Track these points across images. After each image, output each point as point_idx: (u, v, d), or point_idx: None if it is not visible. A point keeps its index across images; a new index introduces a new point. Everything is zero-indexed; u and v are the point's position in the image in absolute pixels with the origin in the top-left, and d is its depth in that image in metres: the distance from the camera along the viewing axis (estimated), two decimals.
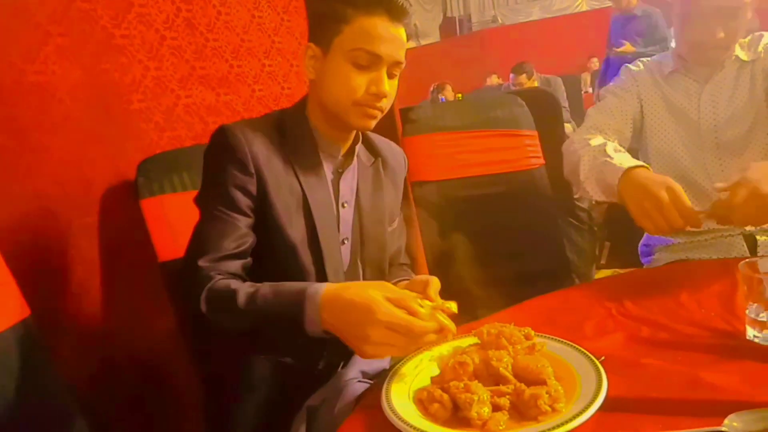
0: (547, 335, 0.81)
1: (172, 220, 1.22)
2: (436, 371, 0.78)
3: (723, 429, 0.59)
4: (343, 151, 1.02)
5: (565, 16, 9.21)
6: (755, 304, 0.77)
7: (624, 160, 1.13)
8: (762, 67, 1.30)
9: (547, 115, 1.95)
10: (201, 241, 0.89)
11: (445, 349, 0.83)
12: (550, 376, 0.69)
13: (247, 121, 0.97)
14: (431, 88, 5.30)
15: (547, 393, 0.65)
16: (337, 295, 0.75)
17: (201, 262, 0.86)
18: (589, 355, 0.75)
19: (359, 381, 0.94)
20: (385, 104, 0.95)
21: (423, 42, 10.21)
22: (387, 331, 0.70)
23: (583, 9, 9.05)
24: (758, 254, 1.28)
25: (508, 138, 1.66)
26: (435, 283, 0.87)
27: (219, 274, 0.86)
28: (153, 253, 1.22)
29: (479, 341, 0.80)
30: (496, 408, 0.67)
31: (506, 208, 1.63)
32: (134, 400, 1.29)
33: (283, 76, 1.70)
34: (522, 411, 0.66)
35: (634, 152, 1.37)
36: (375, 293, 0.72)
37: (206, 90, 1.48)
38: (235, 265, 0.89)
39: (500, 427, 0.64)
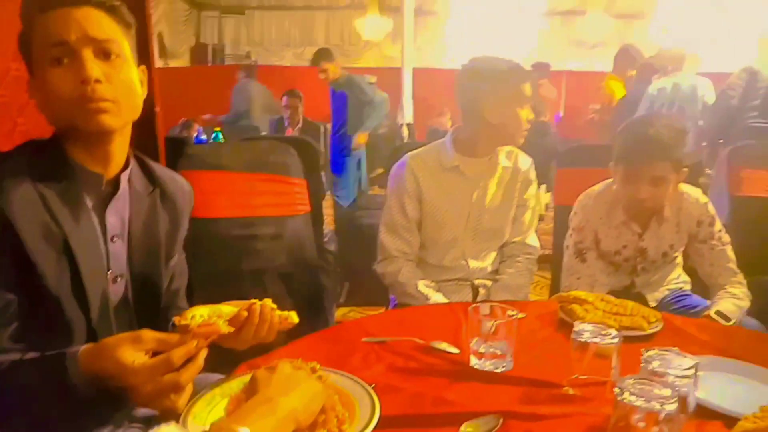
0: (327, 368, 0.94)
1: None
2: (229, 406, 0.83)
3: None
4: (106, 178, 0.93)
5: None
6: (476, 338, 1.03)
7: None
8: (521, 179, 1.71)
9: (310, 164, 2.14)
10: None
11: (235, 385, 0.89)
12: (336, 403, 0.81)
13: None
14: (180, 122, 4.91)
15: (335, 417, 0.77)
16: (90, 363, 0.75)
17: None
18: (362, 383, 0.90)
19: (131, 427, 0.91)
20: (106, 91, 0.85)
21: (171, 63, 9.78)
22: (151, 388, 0.74)
23: None
24: (478, 300, 1.67)
25: (280, 184, 1.79)
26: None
27: None
28: None
29: None
30: None
31: (275, 250, 1.74)
32: None
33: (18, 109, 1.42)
34: None
35: None
36: (124, 355, 0.74)
37: None
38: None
39: None
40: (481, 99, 1.59)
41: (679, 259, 1.80)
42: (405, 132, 6.84)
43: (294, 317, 0.93)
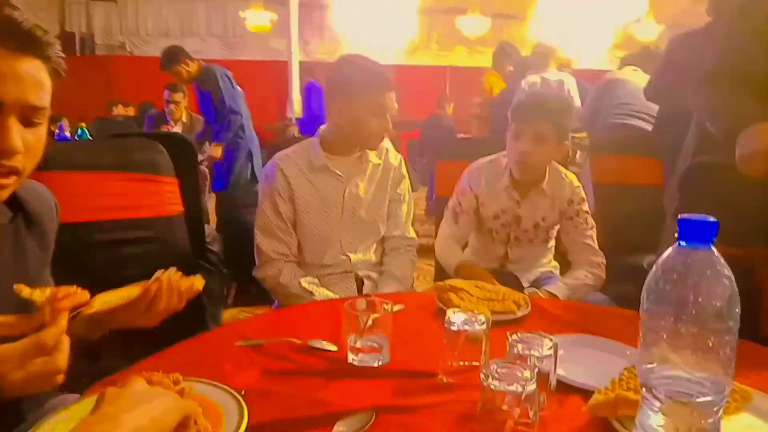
0: (193, 378, 0.88)
1: None
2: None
3: None
4: None
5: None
6: (353, 335, 1.02)
7: None
8: (393, 175, 1.75)
9: (185, 162, 2.01)
10: None
11: (86, 405, 0.80)
12: (199, 415, 0.75)
13: None
14: None
15: (198, 430, 0.72)
16: None
17: None
18: (231, 390, 0.85)
19: None
20: (19, 162, 0.77)
21: None
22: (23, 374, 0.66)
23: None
24: (363, 292, 1.68)
25: (148, 183, 1.66)
26: None
27: None
28: None
29: None
30: None
31: (145, 254, 1.61)
32: None
33: None
34: None
35: None
36: None
37: None
38: None
39: None
40: (338, 104, 1.63)
41: (551, 244, 1.93)
42: (295, 129, 6.73)
43: (199, 282, 0.97)
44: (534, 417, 0.76)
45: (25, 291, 0.72)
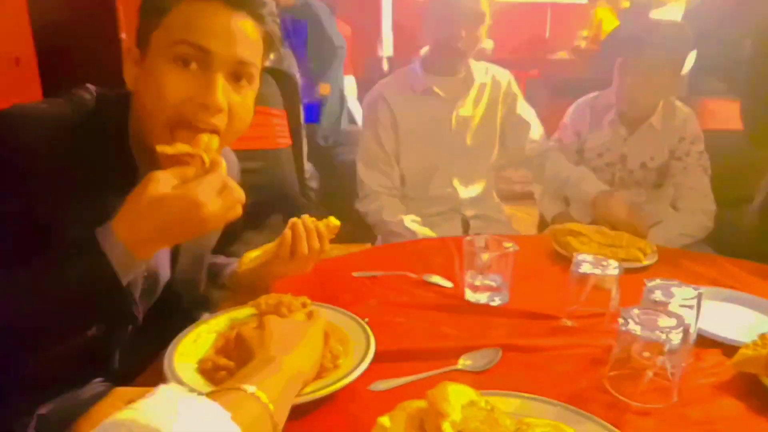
0: (318, 302, 0.90)
1: None
2: (217, 342, 0.79)
3: (458, 367, 0.77)
4: None
5: None
6: (471, 271, 1.00)
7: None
8: (504, 93, 1.67)
9: (290, 96, 2.02)
10: None
11: (222, 321, 0.85)
12: (329, 337, 0.77)
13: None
14: None
15: (329, 352, 0.74)
16: (131, 207, 0.65)
17: None
18: (356, 317, 0.86)
19: (101, 382, 0.83)
20: (220, 121, 0.73)
21: None
22: (218, 189, 0.67)
23: None
24: (470, 233, 1.64)
25: (260, 115, 1.68)
26: None
27: None
28: None
29: (257, 312, 0.84)
30: None
31: (256, 185, 1.66)
32: None
33: None
34: None
35: None
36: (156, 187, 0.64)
37: None
38: None
39: None
40: (432, 17, 1.57)
41: (665, 192, 1.78)
42: (385, 66, 6.60)
43: (334, 220, 0.97)
44: (675, 370, 0.71)
45: (166, 148, 0.69)
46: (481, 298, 0.99)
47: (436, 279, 1.08)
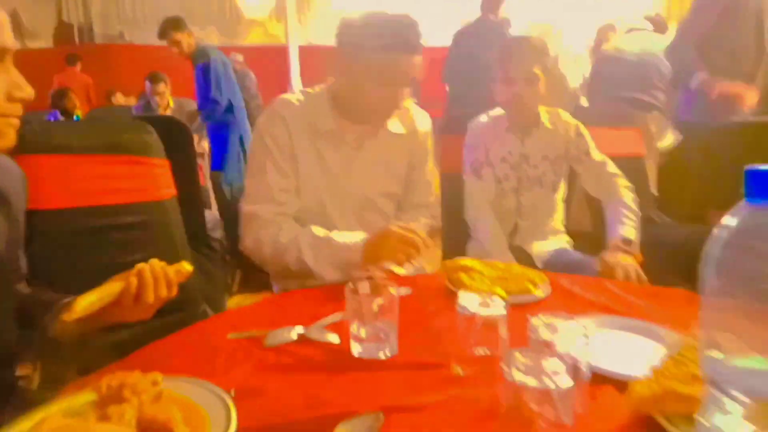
0: (178, 376, 0.78)
1: None
2: None
3: None
4: None
5: None
6: (356, 322, 0.91)
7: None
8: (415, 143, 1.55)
9: (177, 143, 1.90)
10: None
11: (53, 412, 0.71)
12: (178, 423, 0.66)
13: None
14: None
15: None
16: None
17: None
18: (218, 391, 0.75)
19: None
20: None
21: (30, 44, 8.77)
22: None
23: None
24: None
25: (138, 166, 1.55)
26: None
27: None
28: None
29: (98, 397, 0.71)
30: None
31: (136, 240, 1.51)
32: None
33: None
34: None
35: None
36: None
37: None
38: None
39: None
40: (338, 62, 1.44)
41: (559, 194, 1.89)
42: None
43: (186, 266, 0.94)
44: (568, 417, 0.65)
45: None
46: (368, 350, 0.90)
47: (323, 334, 0.98)
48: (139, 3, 9.96)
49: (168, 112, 4.47)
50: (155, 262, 0.91)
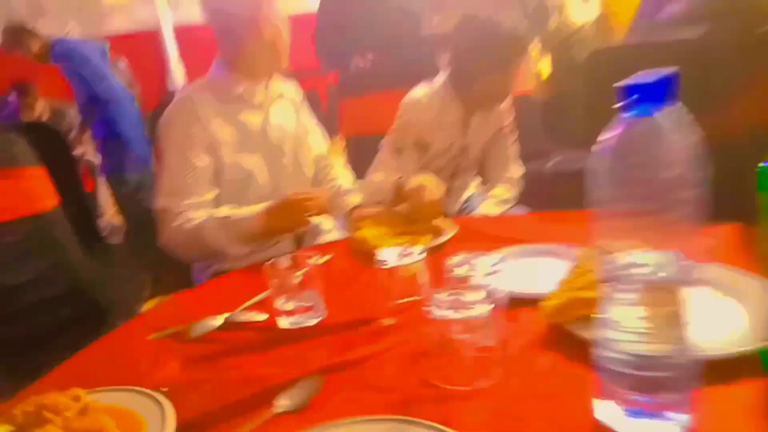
0: (102, 388, 0.74)
1: None
2: None
3: (277, 411, 0.67)
4: None
5: None
6: (282, 297, 0.91)
7: None
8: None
9: (53, 151, 1.75)
10: None
11: None
12: (112, 430, 0.63)
13: None
14: None
15: None
16: None
17: None
18: (149, 392, 0.72)
19: None
20: None
21: None
22: None
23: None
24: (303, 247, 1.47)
25: (7, 180, 1.41)
26: None
27: None
28: None
29: (13, 427, 0.66)
30: None
31: (20, 258, 1.39)
32: None
33: None
34: None
35: None
36: None
37: None
38: None
39: None
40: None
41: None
42: None
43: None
44: (491, 340, 0.70)
45: None
46: (297, 321, 0.91)
47: (248, 315, 0.97)
48: None
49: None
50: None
